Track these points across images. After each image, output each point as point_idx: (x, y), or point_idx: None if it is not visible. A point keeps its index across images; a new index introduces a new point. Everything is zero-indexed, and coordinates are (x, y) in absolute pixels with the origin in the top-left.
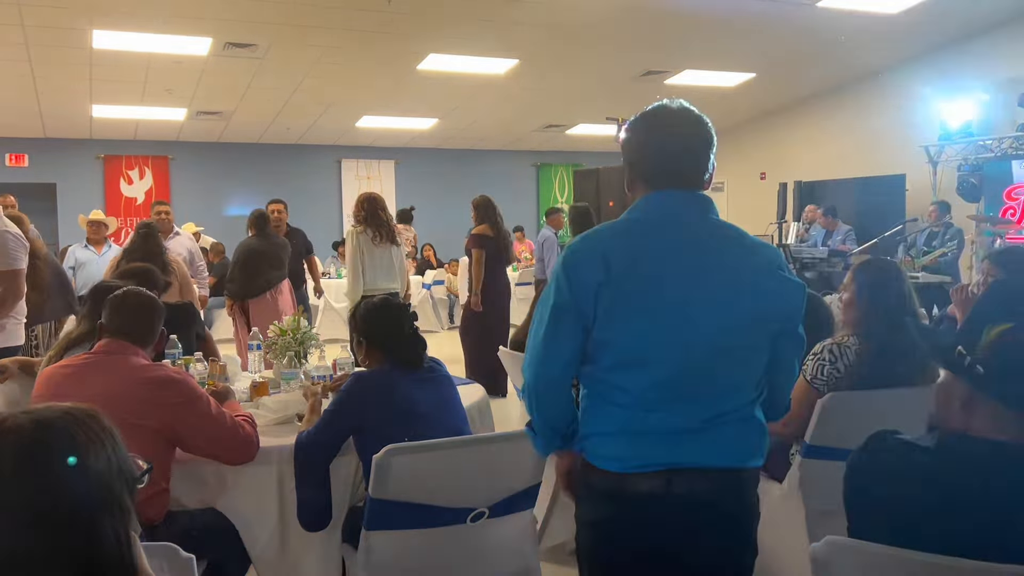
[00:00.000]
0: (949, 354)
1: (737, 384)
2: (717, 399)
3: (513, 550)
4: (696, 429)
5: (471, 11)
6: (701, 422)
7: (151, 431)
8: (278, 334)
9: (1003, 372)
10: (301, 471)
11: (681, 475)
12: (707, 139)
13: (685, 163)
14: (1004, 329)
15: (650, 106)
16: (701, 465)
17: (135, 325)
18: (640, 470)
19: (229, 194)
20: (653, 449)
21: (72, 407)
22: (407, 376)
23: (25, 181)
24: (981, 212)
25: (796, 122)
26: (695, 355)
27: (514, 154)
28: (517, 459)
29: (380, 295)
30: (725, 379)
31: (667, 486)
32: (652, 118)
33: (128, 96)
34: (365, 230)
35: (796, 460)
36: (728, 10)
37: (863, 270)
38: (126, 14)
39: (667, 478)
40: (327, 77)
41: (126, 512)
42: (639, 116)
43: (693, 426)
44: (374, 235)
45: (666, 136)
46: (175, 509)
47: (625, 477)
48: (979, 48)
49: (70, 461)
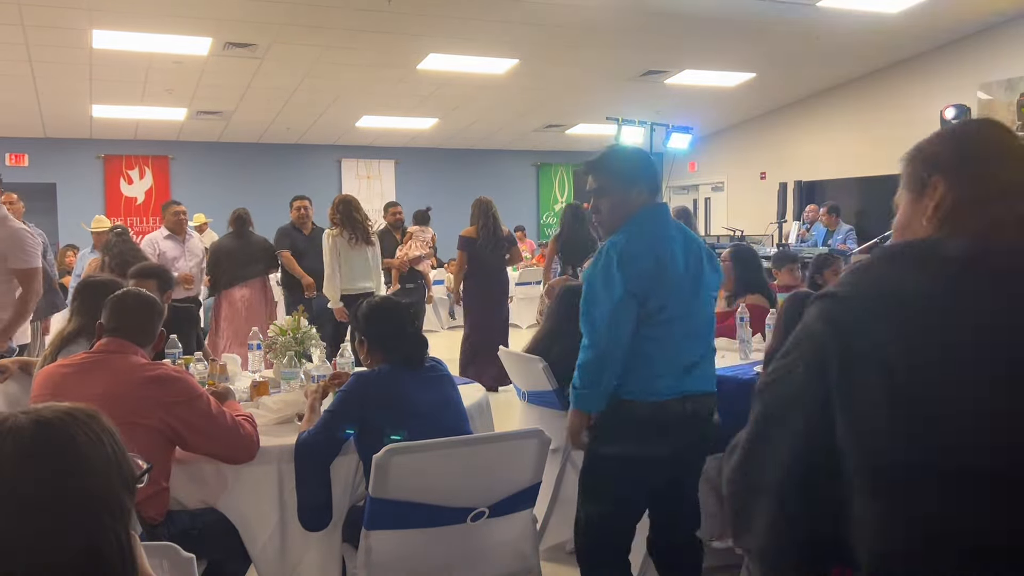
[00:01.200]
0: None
1: (709, 330)
2: (703, 342)
3: (513, 550)
4: (695, 363)
5: (471, 11)
6: (698, 357)
7: (151, 430)
8: (278, 333)
9: None
10: (302, 471)
11: (690, 399)
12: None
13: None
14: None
15: (612, 147)
16: (699, 391)
17: (134, 325)
18: (671, 397)
19: (229, 194)
20: (677, 381)
21: (72, 407)
22: (408, 376)
23: (25, 181)
24: None
25: (796, 122)
26: (695, 311)
27: (514, 154)
28: (517, 459)
29: (356, 292)
30: (706, 327)
31: (683, 405)
32: (638, 150)
33: (128, 96)
34: (341, 232)
35: None
36: (728, 10)
37: None
38: (126, 14)
39: (683, 401)
40: (327, 77)
41: (126, 512)
42: (625, 148)
43: (695, 360)
44: (350, 237)
45: (650, 164)
46: (175, 509)
47: (663, 404)
48: (979, 48)
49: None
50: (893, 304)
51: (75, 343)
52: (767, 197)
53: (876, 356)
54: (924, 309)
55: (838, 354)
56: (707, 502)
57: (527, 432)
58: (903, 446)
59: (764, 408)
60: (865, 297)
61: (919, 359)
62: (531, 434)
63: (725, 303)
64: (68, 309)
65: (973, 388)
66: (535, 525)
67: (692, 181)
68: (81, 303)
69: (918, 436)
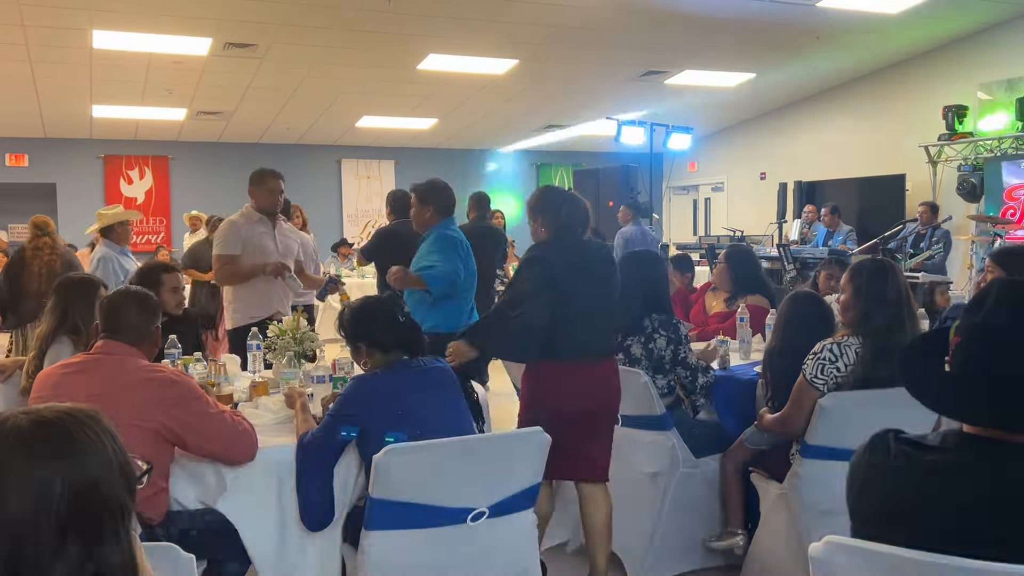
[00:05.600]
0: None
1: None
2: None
3: (513, 550)
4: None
5: (471, 11)
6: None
7: (151, 431)
8: (277, 334)
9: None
10: (304, 472)
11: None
12: None
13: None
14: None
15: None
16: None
17: (129, 325)
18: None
19: (229, 194)
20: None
21: (72, 407)
22: (408, 376)
23: (25, 181)
24: (981, 212)
25: (796, 122)
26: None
27: (514, 154)
28: (517, 459)
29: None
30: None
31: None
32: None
33: (128, 96)
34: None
35: (796, 460)
36: (728, 10)
37: (862, 271)
38: (126, 14)
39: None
40: (327, 77)
41: (126, 512)
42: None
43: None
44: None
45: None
46: (175, 509)
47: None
48: (979, 48)
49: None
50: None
51: (58, 341)
52: (767, 197)
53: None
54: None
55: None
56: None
57: (527, 432)
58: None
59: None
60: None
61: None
62: (531, 434)
63: (725, 303)
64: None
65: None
66: (535, 526)
67: (692, 181)
68: (56, 302)
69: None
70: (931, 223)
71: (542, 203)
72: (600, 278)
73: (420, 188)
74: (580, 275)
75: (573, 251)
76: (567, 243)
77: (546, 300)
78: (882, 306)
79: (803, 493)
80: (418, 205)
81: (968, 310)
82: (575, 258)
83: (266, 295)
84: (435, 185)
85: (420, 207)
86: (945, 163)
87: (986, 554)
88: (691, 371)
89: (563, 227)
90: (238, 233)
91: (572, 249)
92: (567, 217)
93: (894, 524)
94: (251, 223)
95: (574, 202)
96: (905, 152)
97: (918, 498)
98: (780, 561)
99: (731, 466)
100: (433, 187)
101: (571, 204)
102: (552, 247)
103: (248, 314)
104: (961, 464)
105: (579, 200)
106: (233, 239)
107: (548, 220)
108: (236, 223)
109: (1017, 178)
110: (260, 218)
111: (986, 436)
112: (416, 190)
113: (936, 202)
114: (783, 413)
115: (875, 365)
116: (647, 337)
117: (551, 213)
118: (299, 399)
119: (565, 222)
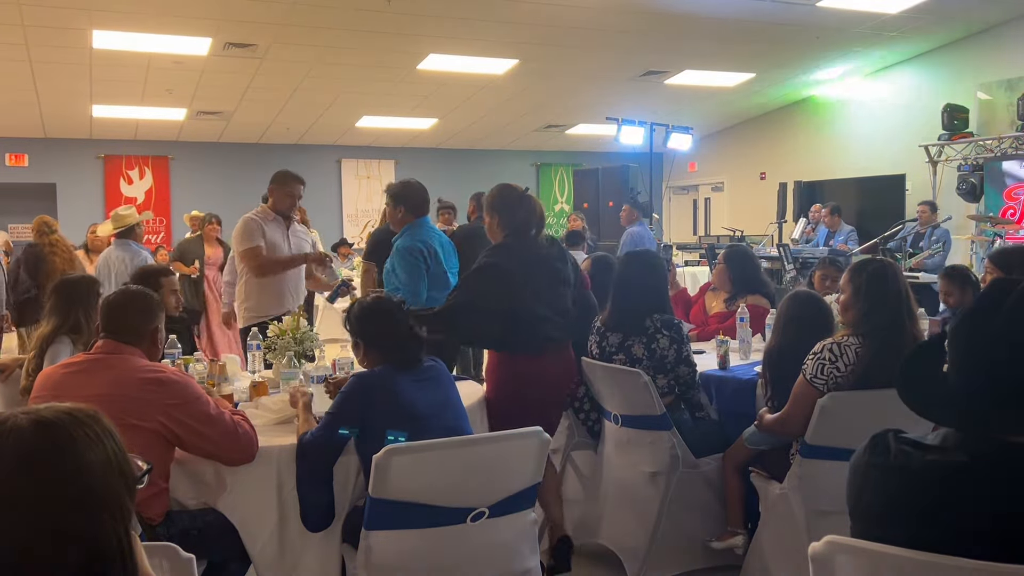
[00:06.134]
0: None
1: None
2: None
3: (513, 550)
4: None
5: (471, 11)
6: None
7: (151, 431)
8: (278, 334)
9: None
10: (304, 472)
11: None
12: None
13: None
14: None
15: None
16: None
17: (129, 325)
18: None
19: (229, 194)
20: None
21: (72, 407)
22: (407, 376)
23: (25, 181)
24: (981, 212)
25: (796, 122)
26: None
27: (514, 154)
28: (517, 459)
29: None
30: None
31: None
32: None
33: (128, 96)
34: None
35: (796, 460)
36: (728, 10)
37: (861, 270)
38: (126, 14)
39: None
40: (327, 77)
41: (126, 512)
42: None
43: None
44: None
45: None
46: (175, 509)
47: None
48: (979, 47)
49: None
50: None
51: (59, 342)
52: (767, 197)
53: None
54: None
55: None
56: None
57: (527, 432)
58: None
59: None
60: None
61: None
62: (531, 434)
63: (724, 304)
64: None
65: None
66: (535, 526)
67: (692, 181)
68: (55, 302)
69: None
70: (931, 223)
71: (499, 201)
72: (554, 275)
73: (392, 188)
74: (536, 274)
75: (528, 251)
76: (522, 243)
77: (493, 308)
78: (882, 306)
79: (803, 493)
80: (391, 205)
81: (968, 313)
82: (531, 258)
83: (280, 292)
84: (407, 185)
85: (393, 207)
86: (945, 163)
87: (986, 554)
88: (693, 368)
89: (518, 227)
90: (259, 228)
91: (527, 250)
92: (523, 218)
93: (894, 524)
94: (267, 222)
95: (529, 203)
96: (905, 152)
97: (918, 498)
98: (780, 561)
99: (731, 466)
100: (405, 187)
101: (526, 205)
102: (505, 249)
103: (262, 311)
104: (961, 464)
105: (534, 201)
106: (256, 232)
107: (504, 220)
108: (255, 219)
109: (1017, 178)
110: (275, 218)
111: (986, 436)
112: (389, 190)
113: (936, 202)
114: (783, 413)
115: (875, 365)
116: (649, 337)
117: (507, 213)
118: (302, 399)
119: (521, 223)
